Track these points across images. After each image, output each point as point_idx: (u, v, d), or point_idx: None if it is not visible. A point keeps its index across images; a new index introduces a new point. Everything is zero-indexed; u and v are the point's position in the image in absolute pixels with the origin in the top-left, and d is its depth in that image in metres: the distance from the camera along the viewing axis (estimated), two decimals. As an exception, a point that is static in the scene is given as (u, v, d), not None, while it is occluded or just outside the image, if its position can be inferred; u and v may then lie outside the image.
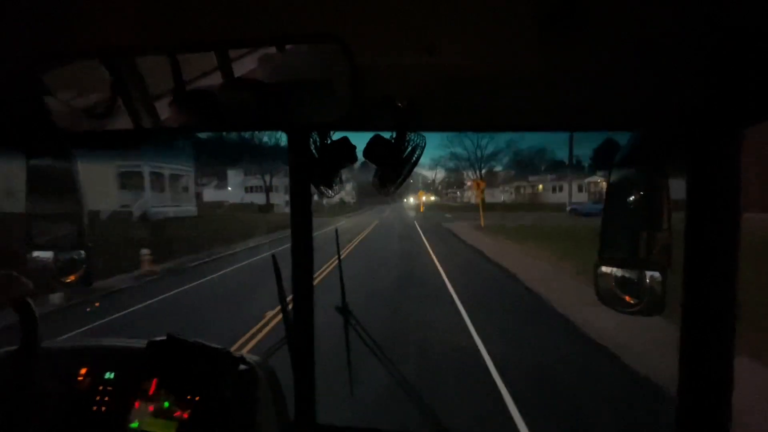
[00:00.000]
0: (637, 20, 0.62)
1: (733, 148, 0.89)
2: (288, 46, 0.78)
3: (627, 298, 1.00)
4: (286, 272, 1.30)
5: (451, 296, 8.00)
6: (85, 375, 1.23)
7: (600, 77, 0.85)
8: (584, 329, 5.90)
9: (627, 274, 1.00)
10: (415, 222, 29.10)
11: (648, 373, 4.34)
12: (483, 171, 49.52)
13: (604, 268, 1.03)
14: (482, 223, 22.91)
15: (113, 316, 7.17)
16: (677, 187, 0.94)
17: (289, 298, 1.31)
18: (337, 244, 1.58)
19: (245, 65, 0.87)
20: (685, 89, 0.87)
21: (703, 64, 0.74)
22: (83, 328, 6.39)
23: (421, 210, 46.89)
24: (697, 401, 0.96)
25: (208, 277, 10.54)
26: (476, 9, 0.61)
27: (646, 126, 1.08)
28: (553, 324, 6.34)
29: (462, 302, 7.51)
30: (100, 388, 1.20)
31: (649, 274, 0.96)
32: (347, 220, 31.16)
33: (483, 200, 28.76)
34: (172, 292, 8.90)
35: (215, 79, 0.89)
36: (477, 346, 5.34)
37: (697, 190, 0.94)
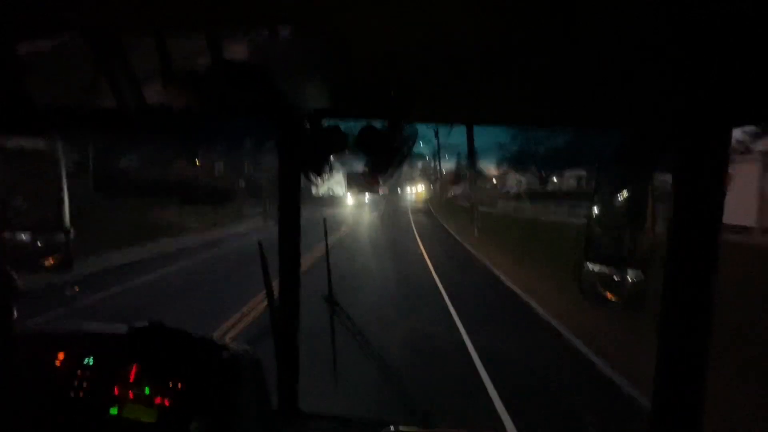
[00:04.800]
0: (630, 17, 0.62)
1: (721, 149, 0.90)
2: (281, 29, 0.76)
3: (609, 294, 1.02)
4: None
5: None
6: (63, 359, 1.20)
7: (592, 74, 0.86)
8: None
9: (610, 272, 1.02)
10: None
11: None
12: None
13: (588, 265, 1.05)
14: None
15: None
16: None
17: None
18: (325, 232, 1.58)
19: (235, 47, 0.84)
20: (675, 88, 0.88)
21: (694, 64, 0.75)
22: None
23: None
24: (670, 400, 0.99)
25: None
26: (473, 2, 0.60)
27: (636, 124, 1.09)
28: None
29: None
30: (79, 373, 1.17)
31: (631, 272, 0.98)
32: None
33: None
34: None
35: (203, 61, 0.86)
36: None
37: (683, 190, 0.95)
